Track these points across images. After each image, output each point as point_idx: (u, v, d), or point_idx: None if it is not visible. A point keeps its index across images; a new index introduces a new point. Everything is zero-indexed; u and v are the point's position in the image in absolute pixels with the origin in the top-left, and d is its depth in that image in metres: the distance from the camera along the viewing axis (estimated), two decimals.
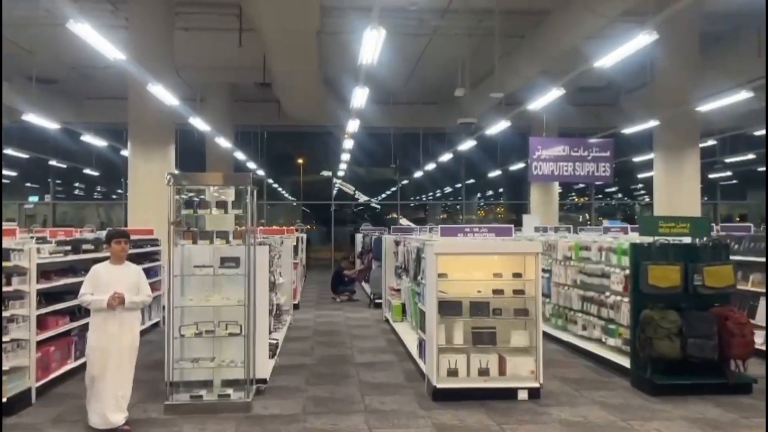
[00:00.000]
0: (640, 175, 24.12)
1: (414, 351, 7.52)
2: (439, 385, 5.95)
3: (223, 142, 17.51)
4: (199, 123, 13.98)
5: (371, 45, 6.98)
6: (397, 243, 10.55)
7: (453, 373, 6.07)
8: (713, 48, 14.44)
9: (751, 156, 22.57)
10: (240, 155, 19.91)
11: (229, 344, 5.92)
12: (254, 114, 21.39)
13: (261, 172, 22.33)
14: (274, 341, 7.66)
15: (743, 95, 9.99)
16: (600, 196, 26.84)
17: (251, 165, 20.73)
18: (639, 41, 7.22)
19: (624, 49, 7.67)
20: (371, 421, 5.42)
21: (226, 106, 19.79)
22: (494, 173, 24.00)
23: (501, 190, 28.15)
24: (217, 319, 5.88)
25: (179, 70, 14.26)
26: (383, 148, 23.92)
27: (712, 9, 12.86)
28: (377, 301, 12.41)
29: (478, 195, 29.10)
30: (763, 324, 7.68)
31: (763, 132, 18.72)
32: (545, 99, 10.85)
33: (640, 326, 6.22)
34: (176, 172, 8.78)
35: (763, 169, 23.49)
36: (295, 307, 12.01)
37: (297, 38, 11.27)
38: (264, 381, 6.30)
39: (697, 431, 5.10)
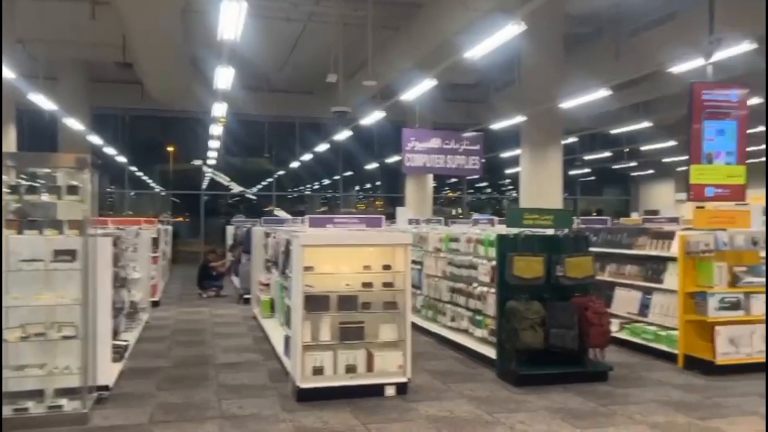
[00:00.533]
0: (508, 171, 25.15)
1: (280, 349, 7.12)
2: (304, 385, 5.61)
3: (76, 125, 16.00)
4: (42, 101, 12.55)
5: (231, 18, 6.47)
6: (267, 235, 10.06)
7: (319, 371, 5.75)
8: (576, 49, 15.18)
9: (607, 154, 24.22)
10: (98, 140, 18.37)
11: (64, 348, 5.22)
12: (114, 96, 19.88)
13: (122, 159, 20.81)
14: (124, 343, 6.95)
15: (601, 93, 10.51)
16: (471, 190, 27.73)
17: (110, 150, 19.22)
18: (507, 32, 7.29)
19: (492, 41, 7.73)
20: (226, 428, 4.97)
21: (81, 86, 18.19)
22: (371, 166, 24.02)
23: (378, 183, 28.28)
24: (51, 321, 5.16)
25: (24, 42, 12.81)
26: (257, 137, 23.16)
27: (574, 11, 13.49)
28: (246, 296, 11.85)
29: (357, 188, 29.06)
30: (620, 312, 8.06)
31: (618, 131, 20.12)
32: (417, 90, 10.85)
33: (506, 317, 6.24)
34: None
35: (618, 166, 25.34)
36: (155, 304, 11.15)
37: (159, 15, 10.42)
38: (106, 388, 5.63)
39: (559, 422, 5.13)
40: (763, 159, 19.54)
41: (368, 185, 29.38)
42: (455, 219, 18.53)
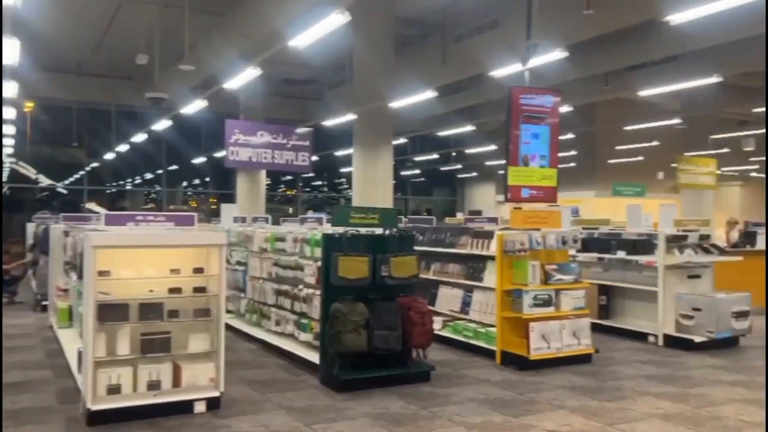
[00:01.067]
0: (344, 170, 25.18)
1: (75, 364, 6.21)
2: (96, 407, 4.87)
3: None
4: None
5: None
6: (66, 234, 8.88)
7: (115, 390, 5.03)
8: (405, 51, 15.43)
9: (435, 156, 25.16)
10: None
11: None
12: None
13: None
14: None
15: (428, 95, 10.70)
16: (308, 189, 27.37)
17: None
18: (331, 21, 7.04)
19: (317, 30, 7.44)
20: None
21: None
22: (199, 160, 22.73)
23: (207, 178, 26.90)
24: None
25: None
26: (64, 125, 20.86)
27: (404, 13, 13.66)
28: (44, 303, 10.46)
29: (185, 183, 27.40)
30: (443, 311, 8.14)
31: (445, 133, 20.89)
32: (241, 79, 10.31)
33: (330, 320, 5.94)
34: None
35: (446, 168, 26.44)
36: None
37: None
38: None
39: (380, 429, 4.92)
40: (571, 164, 21.46)
41: (197, 181, 27.85)
42: (287, 217, 18.06)
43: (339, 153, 21.14)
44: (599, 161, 22.07)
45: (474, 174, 27.00)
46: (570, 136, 17.34)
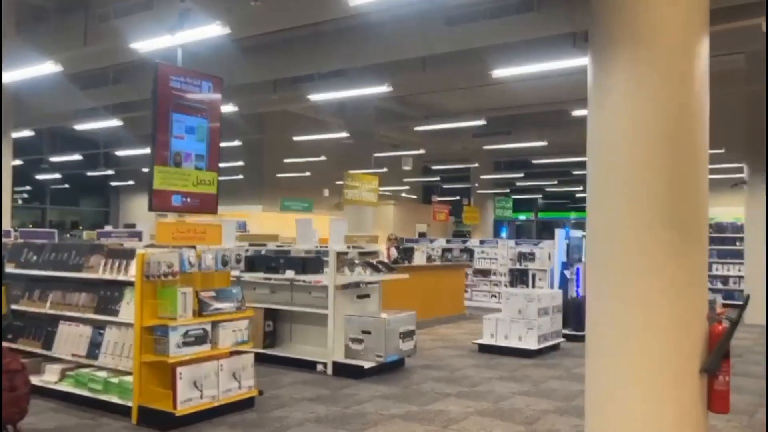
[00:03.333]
0: None
1: None
2: None
3: None
4: None
5: None
6: None
7: None
8: (35, 26, 12.44)
9: (78, 157, 21.52)
10: None
11: None
12: None
13: None
14: None
15: (50, 67, 8.77)
16: None
17: None
18: None
19: None
20: None
21: None
22: None
23: None
24: None
25: None
26: None
27: None
28: None
29: None
30: (63, 356, 6.05)
31: (85, 127, 17.84)
32: None
33: None
34: None
35: (95, 173, 22.92)
36: None
37: None
38: None
39: None
40: (239, 177, 20.38)
41: None
42: None
43: None
44: (268, 175, 21.49)
45: (131, 182, 24.09)
46: (237, 143, 16.21)
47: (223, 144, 6.39)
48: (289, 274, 7.62)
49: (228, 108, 11.85)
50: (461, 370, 7.76)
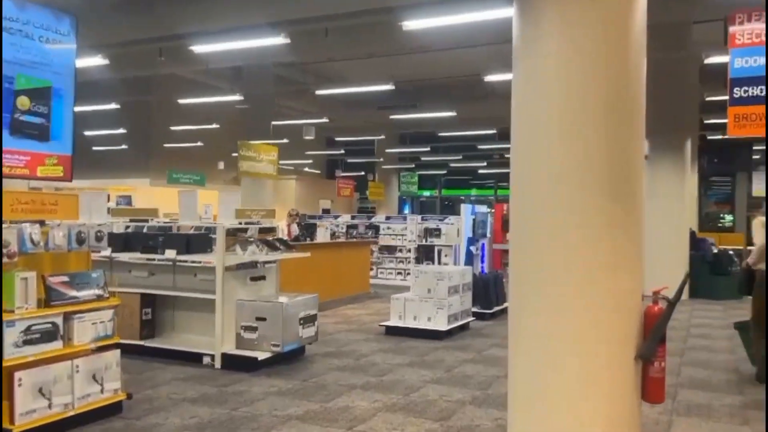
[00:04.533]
0: None
1: None
2: None
3: None
4: None
5: None
6: None
7: None
8: None
9: None
10: None
11: None
12: None
13: None
14: None
15: None
16: None
17: None
18: None
19: None
20: None
21: None
22: None
23: None
24: None
25: None
26: None
27: None
28: None
29: None
30: None
31: None
32: None
33: None
34: None
35: None
36: None
37: None
38: None
39: None
40: (122, 147, 18.60)
41: None
42: None
43: None
44: (155, 145, 19.73)
45: None
46: (114, 106, 14.50)
47: (98, 107, 5.26)
48: (170, 254, 6.58)
49: (97, 60, 10.42)
50: (368, 356, 7.07)
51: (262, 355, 6.36)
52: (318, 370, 6.43)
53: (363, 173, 27.22)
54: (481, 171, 30.45)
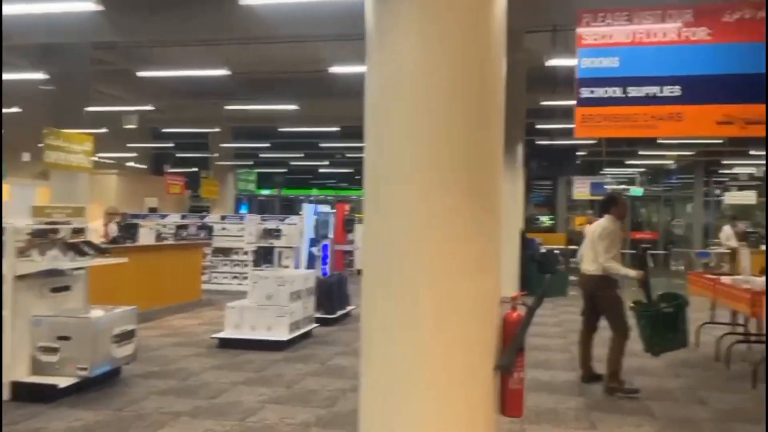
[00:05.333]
0: None
1: None
2: None
3: None
4: None
5: None
6: None
7: None
8: None
9: None
10: None
11: None
12: None
13: None
14: None
15: None
16: None
17: None
18: None
19: None
20: None
21: None
22: None
23: None
24: None
25: None
26: None
27: None
28: None
29: None
30: None
31: None
32: None
33: None
34: None
35: None
36: None
37: None
38: None
39: None
40: None
41: None
42: None
43: None
44: None
45: None
46: None
47: None
48: None
49: None
50: (198, 375, 6.23)
51: (64, 382, 5.28)
52: (137, 395, 5.48)
53: (196, 169, 25.55)
54: (322, 170, 30.08)
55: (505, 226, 13.52)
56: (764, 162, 21.04)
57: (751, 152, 20.06)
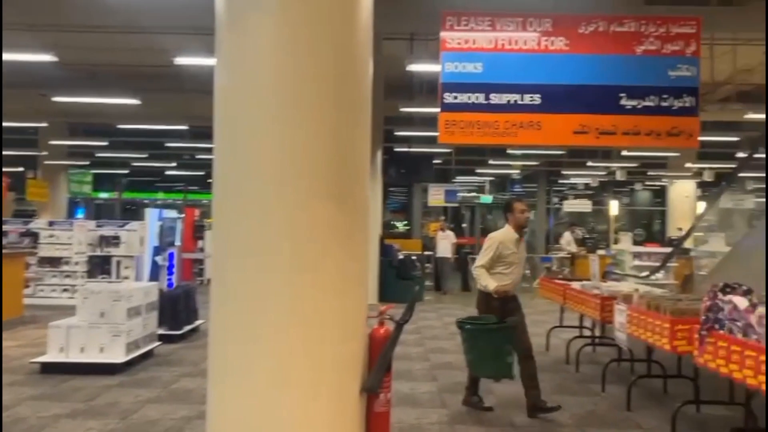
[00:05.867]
0: None
1: None
2: None
3: None
4: None
5: None
6: None
7: None
8: None
9: None
10: None
11: None
12: None
13: None
14: None
15: None
16: None
17: None
18: None
19: None
20: None
21: None
22: None
23: None
24: None
25: None
26: None
27: None
28: None
29: None
30: None
31: None
32: None
33: None
34: None
35: None
36: None
37: None
38: None
39: None
40: None
41: None
42: None
43: None
44: None
45: None
46: None
47: None
48: None
49: None
50: (11, 408, 5.28)
51: None
52: None
53: (21, 169, 22.85)
54: (169, 172, 28.28)
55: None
56: (601, 173, 22.87)
57: (589, 164, 21.64)
